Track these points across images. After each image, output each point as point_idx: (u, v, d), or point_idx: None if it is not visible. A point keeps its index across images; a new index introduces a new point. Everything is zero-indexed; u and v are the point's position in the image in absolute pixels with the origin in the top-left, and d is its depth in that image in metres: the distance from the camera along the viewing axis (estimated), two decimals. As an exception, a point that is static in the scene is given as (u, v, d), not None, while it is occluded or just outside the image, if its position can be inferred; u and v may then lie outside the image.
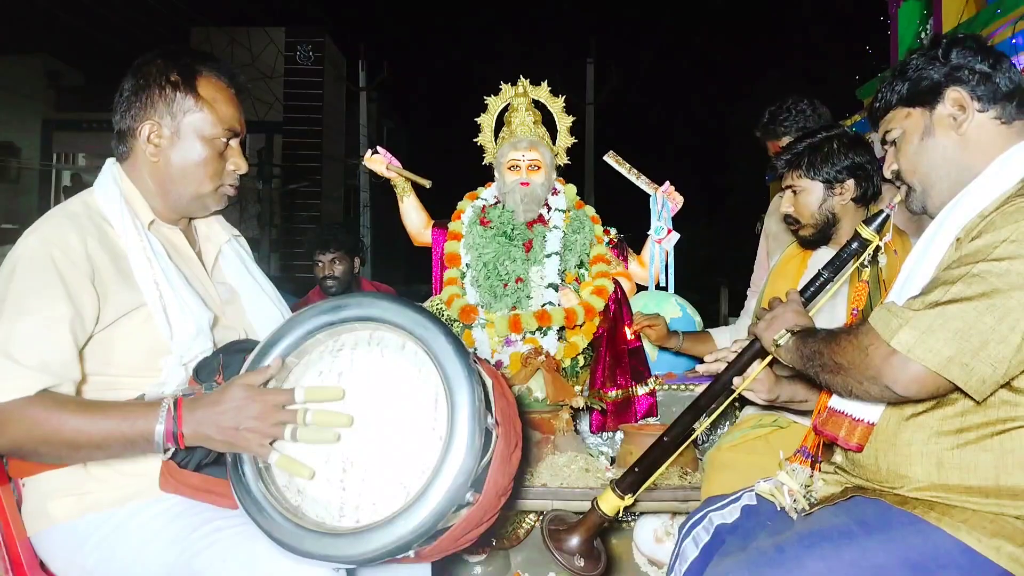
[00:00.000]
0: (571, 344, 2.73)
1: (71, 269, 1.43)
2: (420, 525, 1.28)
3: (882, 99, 1.53)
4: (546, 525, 1.79)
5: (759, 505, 1.57)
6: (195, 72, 1.61)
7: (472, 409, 1.32)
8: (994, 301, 1.20)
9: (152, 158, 1.61)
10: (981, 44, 1.45)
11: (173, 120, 1.59)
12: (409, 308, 1.40)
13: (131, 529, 1.47)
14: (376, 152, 3.07)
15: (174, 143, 1.60)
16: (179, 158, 1.60)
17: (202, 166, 1.62)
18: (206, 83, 1.62)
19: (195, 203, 1.66)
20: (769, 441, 2.06)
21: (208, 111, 1.60)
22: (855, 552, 1.27)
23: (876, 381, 1.28)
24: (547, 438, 2.43)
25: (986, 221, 1.28)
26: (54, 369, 1.38)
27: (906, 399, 1.30)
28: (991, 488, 1.28)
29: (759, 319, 1.65)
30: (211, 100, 1.61)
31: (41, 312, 1.39)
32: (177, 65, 1.60)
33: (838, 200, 2.14)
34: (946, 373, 1.21)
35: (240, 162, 1.69)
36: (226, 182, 1.68)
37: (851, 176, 2.12)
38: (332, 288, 3.84)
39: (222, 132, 1.63)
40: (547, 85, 2.97)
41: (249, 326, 1.72)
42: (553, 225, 2.85)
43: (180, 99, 1.59)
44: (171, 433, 1.35)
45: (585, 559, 1.74)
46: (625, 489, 1.73)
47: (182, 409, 1.36)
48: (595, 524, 1.75)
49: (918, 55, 1.48)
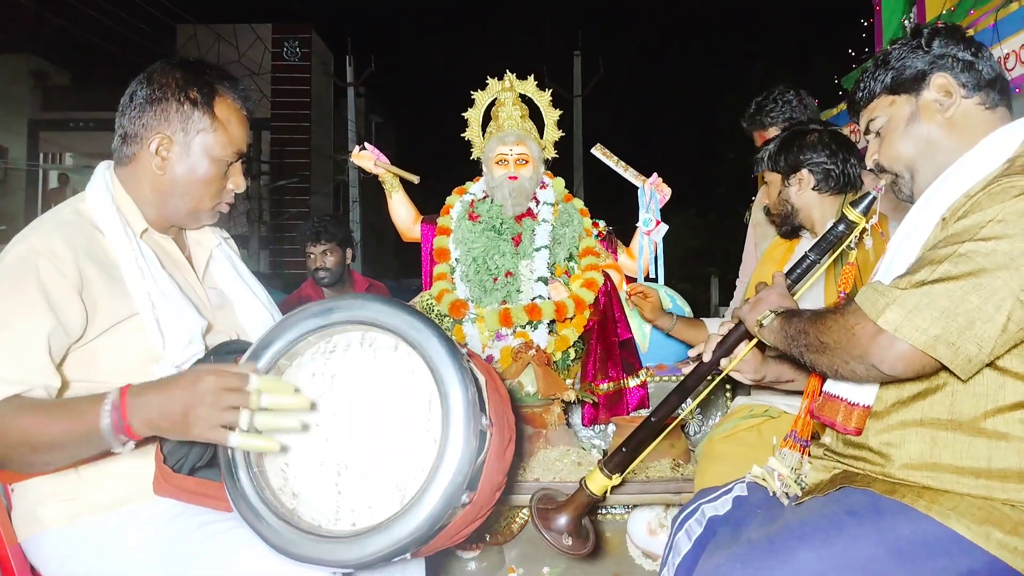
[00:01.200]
0: (562, 337, 2.73)
1: (58, 279, 1.41)
2: (417, 529, 1.28)
3: (864, 88, 1.53)
4: (534, 504, 1.80)
5: (750, 496, 1.58)
6: (214, 92, 1.61)
7: (466, 411, 1.32)
8: (980, 280, 1.21)
9: (157, 170, 1.59)
10: (962, 34, 1.47)
11: (186, 136, 1.58)
12: (401, 310, 1.40)
13: (124, 534, 1.46)
14: (364, 148, 3.07)
15: (182, 158, 1.59)
16: (184, 174, 1.60)
17: (205, 184, 1.62)
18: (223, 104, 1.62)
19: (190, 217, 1.66)
20: (761, 432, 2.07)
21: (221, 132, 1.60)
22: (845, 542, 1.28)
23: (862, 360, 1.28)
24: (539, 432, 2.44)
25: (972, 201, 1.29)
26: (25, 377, 1.36)
27: (892, 378, 1.30)
28: (982, 470, 1.28)
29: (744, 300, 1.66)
30: (225, 121, 1.61)
31: (17, 326, 1.37)
32: (197, 82, 1.59)
33: (794, 190, 2.19)
34: (932, 352, 1.22)
35: (240, 181, 1.69)
36: (224, 200, 1.68)
37: (803, 166, 2.17)
38: (324, 279, 3.85)
39: (231, 154, 1.63)
40: (534, 79, 2.97)
41: (241, 330, 1.72)
42: (542, 219, 2.86)
43: (197, 118, 1.58)
44: (118, 425, 1.29)
45: (573, 538, 1.74)
46: (613, 469, 1.73)
47: (127, 397, 1.30)
48: (583, 503, 1.76)
49: (899, 45, 1.50)
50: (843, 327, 1.32)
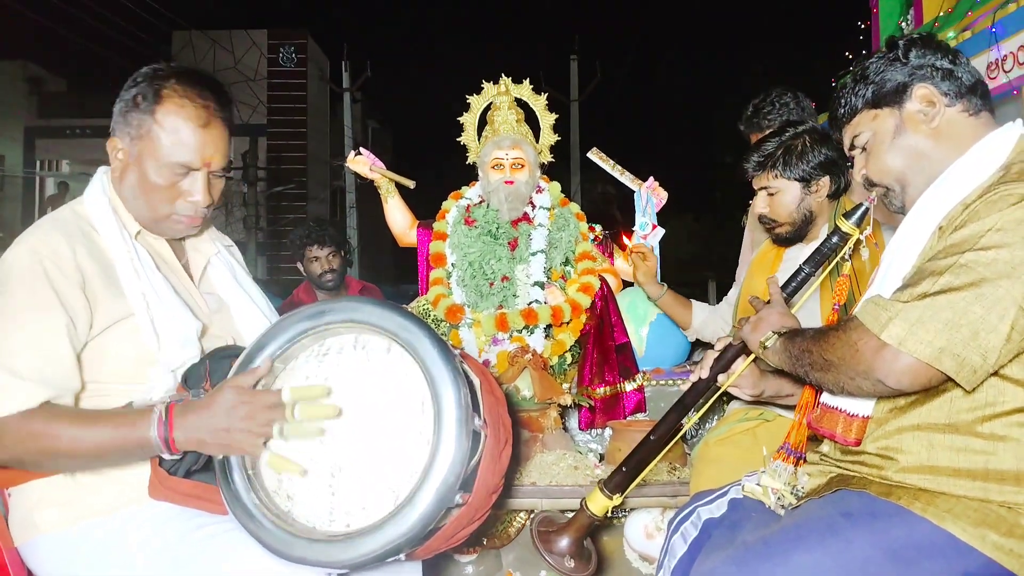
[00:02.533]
0: (558, 342, 2.73)
1: (62, 279, 1.43)
2: (410, 529, 1.29)
3: (846, 105, 1.53)
4: (535, 527, 1.79)
5: (745, 498, 1.57)
6: (158, 96, 1.53)
7: (458, 412, 1.32)
8: (982, 290, 1.20)
9: (118, 174, 1.59)
10: (938, 43, 1.47)
11: (131, 141, 1.55)
12: (393, 311, 1.40)
13: (121, 538, 1.46)
14: (359, 154, 3.07)
15: (132, 164, 1.56)
16: (134, 180, 1.57)
17: (152, 191, 1.56)
18: (170, 108, 1.52)
19: (153, 224, 1.62)
20: (756, 435, 2.07)
21: (165, 137, 1.52)
22: (840, 544, 1.28)
23: (868, 376, 1.27)
24: (535, 436, 2.44)
25: (970, 210, 1.29)
26: (55, 381, 1.39)
27: (899, 392, 1.29)
28: (979, 471, 1.28)
29: (742, 319, 1.66)
30: (170, 127, 1.52)
31: (38, 324, 1.39)
32: (144, 85, 1.54)
33: (815, 198, 2.14)
34: (938, 364, 1.21)
35: (197, 190, 1.57)
36: (179, 211, 1.59)
37: (827, 172, 2.12)
38: (330, 283, 3.83)
39: (178, 163, 1.54)
40: (530, 83, 2.98)
41: (238, 335, 1.72)
42: (538, 223, 2.86)
43: (140, 122, 1.53)
44: (163, 439, 1.36)
45: (575, 560, 1.74)
46: (613, 489, 1.73)
47: (173, 415, 1.37)
48: (584, 525, 1.75)
49: (876, 59, 1.50)
50: (846, 343, 1.31)
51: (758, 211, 2.22)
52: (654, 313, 2.86)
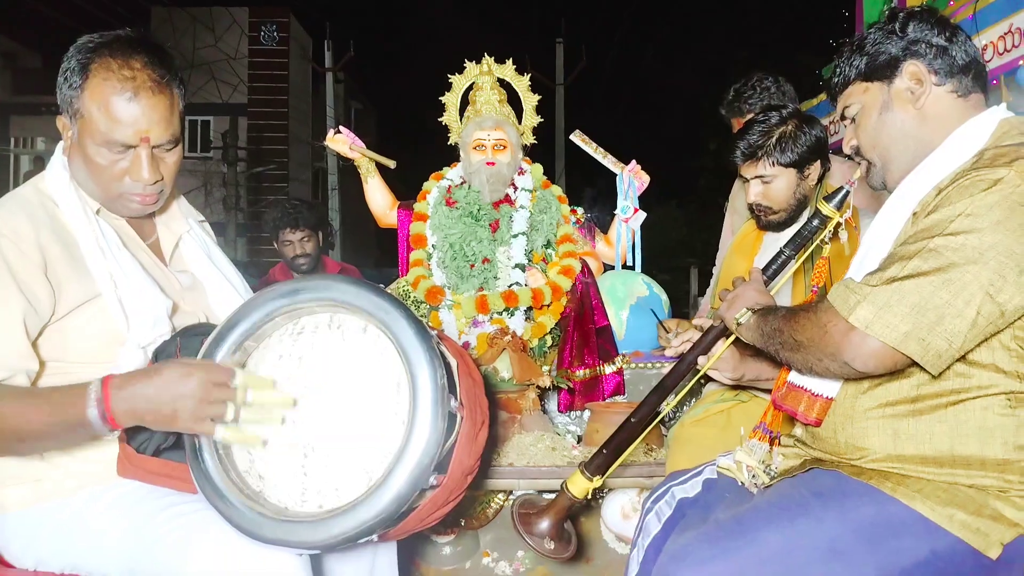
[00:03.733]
0: (539, 324, 2.73)
1: (23, 260, 1.38)
2: (383, 510, 1.28)
3: (840, 74, 1.52)
4: (516, 509, 1.80)
5: (720, 479, 1.59)
6: (87, 69, 1.42)
7: (434, 393, 1.31)
8: (949, 276, 1.21)
9: (69, 152, 1.52)
10: (938, 18, 1.45)
11: (70, 119, 1.46)
12: (369, 291, 1.39)
13: (88, 517, 1.44)
14: (339, 132, 3.03)
15: (74, 141, 1.48)
16: (79, 158, 1.48)
17: (97, 171, 1.47)
18: (99, 81, 1.41)
19: (110, 204, 1.55)
20: (731, 415, 2.08)
21: (95, 112, 1.42)
22: (811, 523, 1.29)
23: (835, 357, 1.29)
24: (514, 418, 2.44)
25: (942, 195, 1.29)
26: (7, 362, 1.35)
27: (865, 375, 1.31)
28: (946, 458, 1.30)
29: (722, 299, 1.66)
30: (100, 101, 1.42)
31: None
32: (79, 58, 1.42)
33: (808, 183, 2.13)
34: (904, 348, 1.23)
35: (136, 169, 1.47)
36: (128, 190, 1.50)
37: (818, 156, 2.11)
38: (304, 266, 3.78)
39: (116, 140, 1.43)
40: (513, 64, 2.95)
41: (211, 313, 1.69)
42: (520, 205, 2.85)
43: (71, 97, 1.44)
44: (101, 415, 1.26)
45: (555, 542, 1.74)
46: (593, 471, 1.73)
47: (109, 388, 1.26)
48: (564, 507, 1.76)
49: (875, 29, 1.48)
50: (816, 325, 1.32)
51: (752, 200, 2.16)
52: (634, 296, 2.86)
